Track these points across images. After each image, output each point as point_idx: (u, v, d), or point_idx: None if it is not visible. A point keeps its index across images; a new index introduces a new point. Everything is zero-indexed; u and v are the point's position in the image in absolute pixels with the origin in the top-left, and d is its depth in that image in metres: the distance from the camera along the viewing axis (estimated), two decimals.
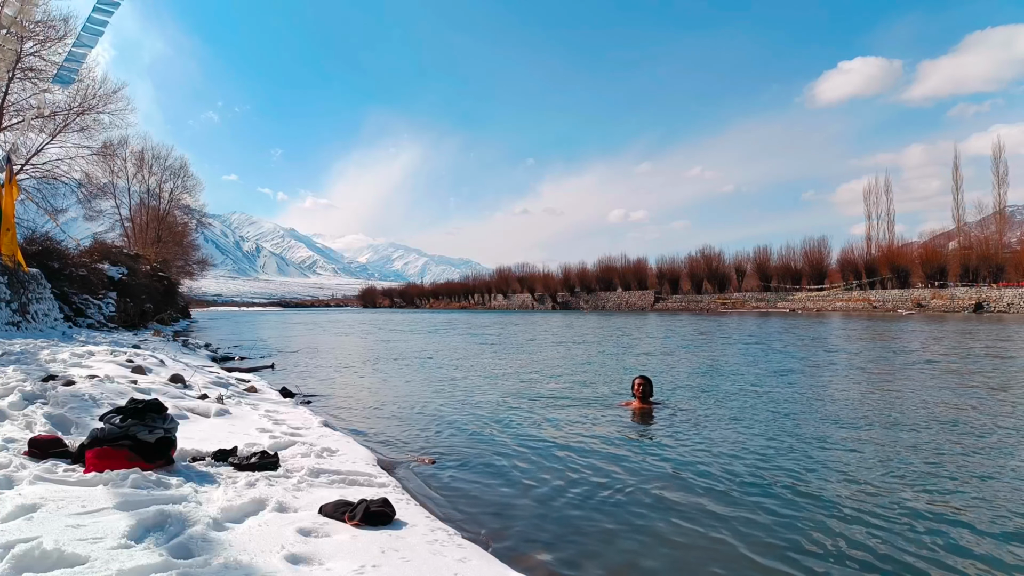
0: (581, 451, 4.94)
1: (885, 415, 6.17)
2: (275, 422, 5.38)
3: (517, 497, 3.88)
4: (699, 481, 4.06)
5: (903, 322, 29.32)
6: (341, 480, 3.59)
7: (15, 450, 3.40)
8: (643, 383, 6.76)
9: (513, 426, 6.00)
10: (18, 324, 12.03)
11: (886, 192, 62.69)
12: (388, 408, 7.20)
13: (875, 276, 55.51)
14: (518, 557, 2.93)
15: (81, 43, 5.39)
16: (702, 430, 5.58)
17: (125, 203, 36.74)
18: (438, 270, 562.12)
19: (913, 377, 9.09)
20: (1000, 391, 7.59)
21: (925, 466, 4.30)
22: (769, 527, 3.26)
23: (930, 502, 3.57)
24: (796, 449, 4.84)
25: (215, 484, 3.26)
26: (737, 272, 67.31)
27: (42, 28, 17.83)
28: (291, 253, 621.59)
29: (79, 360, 7.39)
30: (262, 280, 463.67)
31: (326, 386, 9.16)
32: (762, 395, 7.55)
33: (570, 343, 18.06)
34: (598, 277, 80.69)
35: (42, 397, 4.70)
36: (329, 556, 2.42)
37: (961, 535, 3.09)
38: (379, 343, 19.74)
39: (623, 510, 3.58)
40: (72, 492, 2.78)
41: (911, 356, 12.42)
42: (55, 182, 21.79)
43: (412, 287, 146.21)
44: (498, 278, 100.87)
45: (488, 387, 8.79)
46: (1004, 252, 49.93)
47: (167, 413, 3.62)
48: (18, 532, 2.26)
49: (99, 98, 21.55)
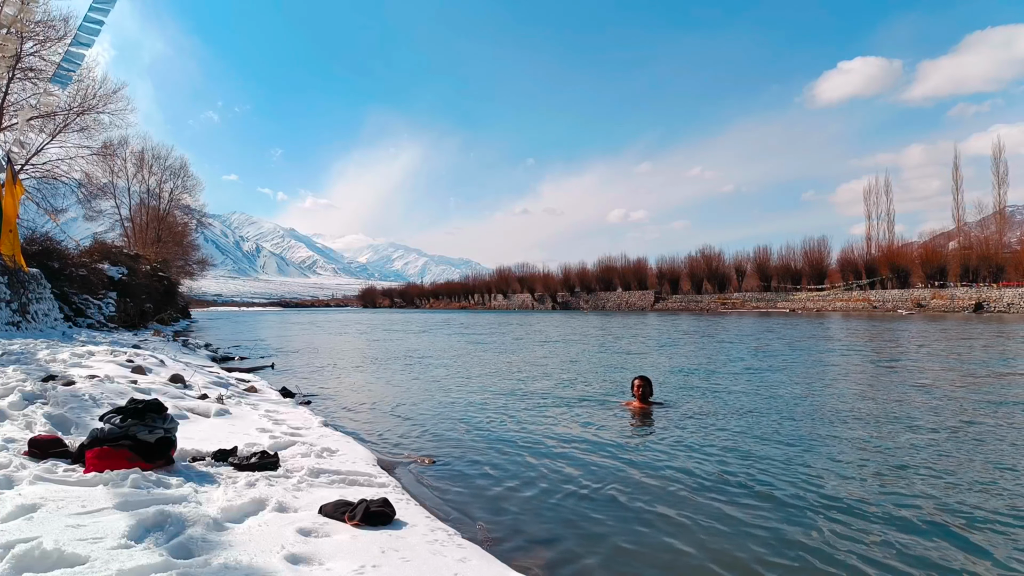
0: (581, 451, 4.94)
1: (885, 415, 6.17)
2: (275, 422, 5.38)
3: (517, 497, 3.88)
4: (699, 481, 4.06)
5: (903, 322, 29.32)
6: (341, 480, 3.59)
7: (15, 450, 3.40)
8: (643, 383, 6.76)
9: (513, 426, 5.99)
10: (18, 324, 12.03)
11: (886, 192, 62.79)
12: (388, 408, 7.20)
13: (875, 276, 55.51)
14: (518, 557, 2.93)
15: (78, 43, 5.39)
16: (702, 430, 5.58)
17: (125, 203, 36.77)
18: (438, 270, 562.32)
19: (913, 377, 9.09)
20: (1000, 391, 7.59)
21: (926, 466, 4.30)
22: (769, 527, 3.26)
23: (930, 502, 3.57)
24: (796, 449, 4.84)
25: (215, 484, 3.26)
26: (737, 272, 67.31)
27: (42, 28, 17.84)
28: (291, 253, 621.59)
29: (79, 360, 7.39)
30: (262, 280, 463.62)
31: (326, 386, 9.16)
32: (762, 395, 7.55)
33: (570, 343, 18.06)
34: (598, 277, 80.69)
35: (42, 397, 4.70)
36: (329, 556, 2.42)
37: (961, 536, 3.09)
38: (379, 343, 19.74)
39: (623, 510, 3.58)
40: (72, 492, 2.78)
41: (911, 356, 12.42)
42: (55, 182, 21.78)
43: (412, 287, 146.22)
44: (498, 278, 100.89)
45: (488, 387, 8.79)
46: (1004, 252, 49.93)
47: (167, 413, 3.63)
48: (18, 532, 2.26)
49: (99, 98, 21.56)
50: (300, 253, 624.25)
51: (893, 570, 2.75)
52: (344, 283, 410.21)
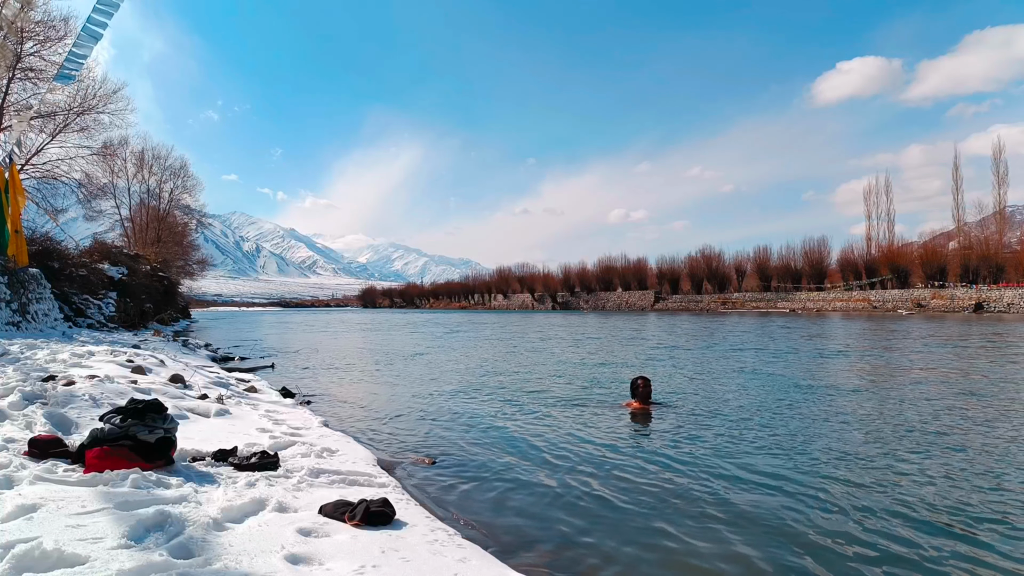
0: (581, 452, 4.94)
1: (887, 415, 6.16)
2: (275, 422, 5.38)
3: (517, 497, 3.88)
4: (699, 482, 4.07)
5: (903, 322, 29.32)
6: (341, 480, 3.59)
7: (15, 450, 3.40)
8: (643, 384, 6.76)
9: (513, 426, 5.99)
10: (18, 324, 12.04)
11: (886, 192, 62.70)
12: (388, 408, 7.20)
13: (875, 276, 55.49)
14: (518, 557, 2.93)
15: (80, 44, 5.38)
16: (702, 431, 5.58)
17: (125, 203, 36.74)
18: (438, 270, 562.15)
19: (914, 376, 9.09)
20: (1001, 391, 7.59)
21: (927, 466, 4.30)
22: (770, 528, 3.26)
23: (931, 501, 3.57)
24: (796, 449, 4.84)
25: (215, 484, 3.26)
26: (737, 272, 67.29)
27: (42, 28, 17.83)
28: (291, 253, 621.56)
29: (79, 360, 7.38)
30: (262, 280, 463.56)
31: (326, 386, 9.16)
32: (762, 396, 7.55)
33: (570, 343, 18.06)
34: (598, 277, 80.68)
35: (42, 397, 4.69)
36: (329, 556, 2.42)
37: (964, 536, 3.10)
38: (379, 343, 19.73)
39: (623, 510, 3.58)
40: (72, 492, 2.78)
41: (911, 356, 12.42)
42: (55, 182, 21.77)
43: (412, 287, 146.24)
44: (498, 278, 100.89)
45: (488, 387, 8.79)
46: (1004, 252, 49.91)
47: (167, 413, 3.62)
48: (18, 532, 2.26)
49: (99, 98, 21.53)
50: (300, 253, 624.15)
51: (894, 570, 2.75)
52: (344, 283, 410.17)
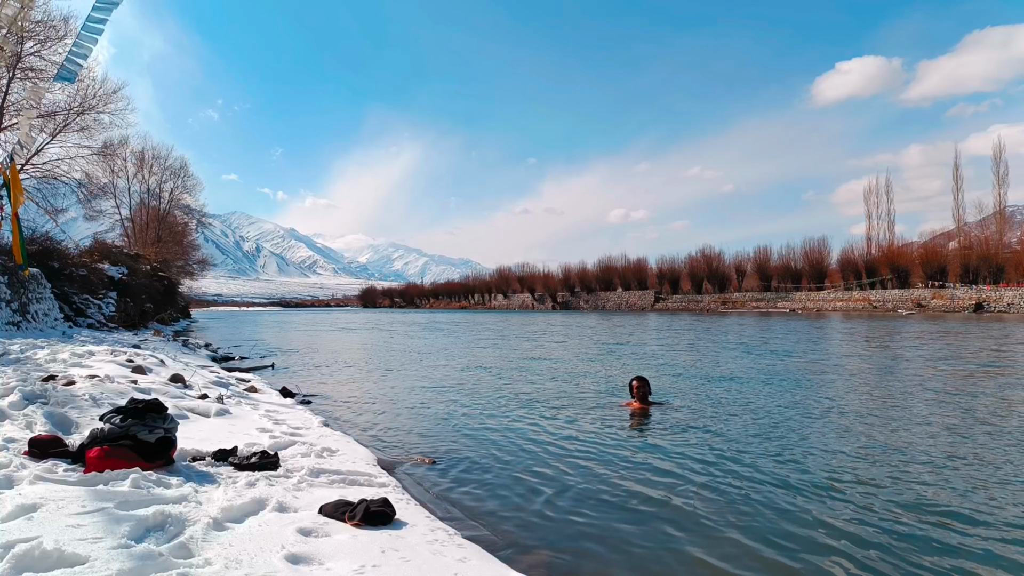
0: (580, 451, 4.94)
1: (885, 415, 6.17)
2: (275, 422, 5.38)
3: (517, 497, 3.88)
4: (698, 481, 4.07)
5: (903, 322, 29.31)
6: (341, 480, 3.59)
7: (15, 450, 3.40)
8: (641, 384, 6.76)
9: (513, 426, 6.00)
10: (18, 324, 12.04)
11: (886, 192, 62.71)
12: (388, 408, 7.20)
13: (875, 276, 55.50)
14: (518, 557, 2.93)
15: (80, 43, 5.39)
16: (701, 431, 5.58)
17: (125, 203, 36.76)
18: (438, 270, 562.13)
19: (913, 376, 9.08)
20: (1002, 391, 7.59)
21: (927, 466, 4.30)
22: (769, 528, 3.26)
23: (931, 502, 3.57)
24: (796, 449, 4.84)
25: (215, 484, 3.26)
26: (737, 272, 67.31)
27: (42, 28, 17.84)
28: (291, 253, 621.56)
29: (79, 360, 7.38)
30: (262, 280, 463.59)
31: (326, 386, 9.16)
32: (761, 395, 7.55)
33: (570, 343, 18.06)
34: (598, 277, 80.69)
35: (42, 397, 4.69)
36: (329, 556, 2.42)
37: (964, 537, 3.10)
38: (379, 343, 19.74)
39: (622, 510, 3.58)
40: (72, 492, 2.78)
41: (911, 356, 12.42)
42: (55, 182, 21.78)
43: (412, 287, 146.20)
44: (498, 278, 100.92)
45: (488, 387, 8.79)
46: (1004, 252, 49.94)
47: (167, 413, 3.62)
48: (18, 532, 2.26)
49: (99, 98, 21.54)
50: (300, 253, 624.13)
51: (895, 569, 2.75)
52: (344, 283, 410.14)
